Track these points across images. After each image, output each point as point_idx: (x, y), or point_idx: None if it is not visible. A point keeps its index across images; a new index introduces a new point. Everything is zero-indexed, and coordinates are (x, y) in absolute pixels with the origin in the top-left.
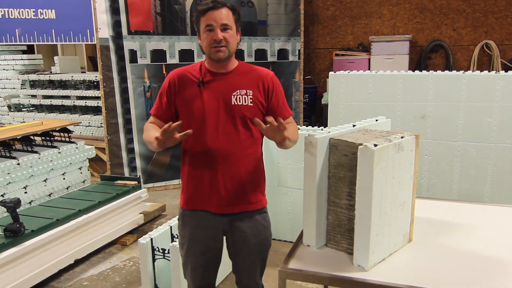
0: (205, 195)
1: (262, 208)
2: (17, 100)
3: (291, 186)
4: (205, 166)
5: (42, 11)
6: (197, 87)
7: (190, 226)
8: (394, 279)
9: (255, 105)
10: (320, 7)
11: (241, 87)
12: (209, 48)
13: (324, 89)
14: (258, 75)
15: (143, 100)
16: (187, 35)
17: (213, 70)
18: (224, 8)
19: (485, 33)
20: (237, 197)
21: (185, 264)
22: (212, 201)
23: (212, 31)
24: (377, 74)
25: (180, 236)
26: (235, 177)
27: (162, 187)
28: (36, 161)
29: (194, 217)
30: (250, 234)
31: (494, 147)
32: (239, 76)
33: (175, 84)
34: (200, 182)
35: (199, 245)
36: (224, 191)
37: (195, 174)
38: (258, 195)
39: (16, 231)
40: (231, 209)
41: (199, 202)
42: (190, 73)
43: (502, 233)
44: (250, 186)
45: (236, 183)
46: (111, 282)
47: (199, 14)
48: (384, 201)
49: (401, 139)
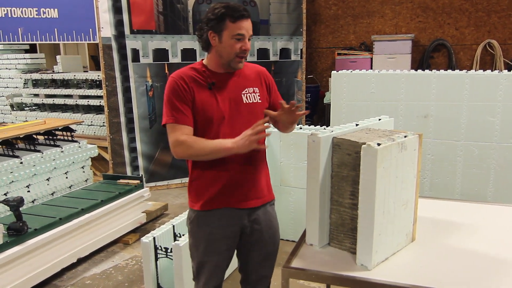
0: (227, 192)
1: (273, 200)
2: (19, 99)
3: (293, 186)
4: (226, 167)
5: (45, 10)
6: (208, 89)
7: (208, 226)
8: (397, 278)
9: (263, 100)
10: (322, 6)
11: (248, 85)
12: (233, 56)
13: (326, 88)
14: (257, 72)
15: (146, 99)
16: (190, 34)
17: (216, 71)
18: (249, 19)
19: (488, 32)
20: (256, 191)
21: (200, 265)
22: (234, 198)
23: (242, 40)
24: (380, 73)
25: (193, 239)
26: (253, 172)
27: (164, 186)
28: (39, 160)
29: (213, 216)
30: (265, 226)
31: (497, 146)
32: (242, 75)
33: (190, 87)
34: (221, 182)
35: (219, 244)
36: (246, 186)
37: (216, 175)
38: (270, 187)
39: (19, 229)
40: (252, 203)
41: (220, 201)
42: (195, 75)
43: (505, 232)
44: (264, 180)
45: (254, 177)
46: (114, 281)
47: (229, 19)
48: (387, 200)
49: (404, 138)
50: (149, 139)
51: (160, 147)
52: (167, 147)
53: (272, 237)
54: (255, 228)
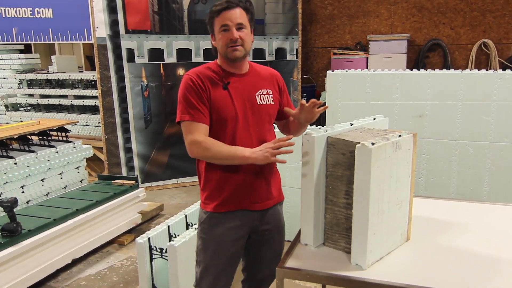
0: (240, 196)
1: (283, 200)
2: (14, 99)
3: (288, 185)
4: (240, 169)
5: (39, 10)
6: (223, 89)
7: (220, 228)
8: (392, 277)
9: (276, 103)
10: (318, 6)
11: (262, 87)
12: (225, 48)
13: (322, 88)
14: (271, 74)
15: (141, 99)
16: (185, 34)
17: (230, 71)
18: (238, 8)
19: (483, 32)
20: (268, 192)
21: (205, 269)
22: (247, 199)
23: (228, 31)
24: (375, 73)
25: (203, 240)
26: (266, 174)
27: (159, 186)
28: (34, 160)
29: (225, 218)
30: (274, 226)
31: (492, 145)
32: (256, 76)
33: (206, 85)
34: (235, 184)
35: (227, 246)
36: (260, 189)
37: (230, 177)
38: (280, 188)
39: (13, 230)
40: (264, 205)
41: (234, 203)
42: (211, 74)
43: (500, 231)
44: (276, 181)
45: (267, 179)
46: (109, 281)
47: (213, 15)
48: (382, 199)
49: (398, 137)
50: (145, 139)
51: (156, 147)
52: (162, 148)
53: (281, 236)
54: (266, 228)
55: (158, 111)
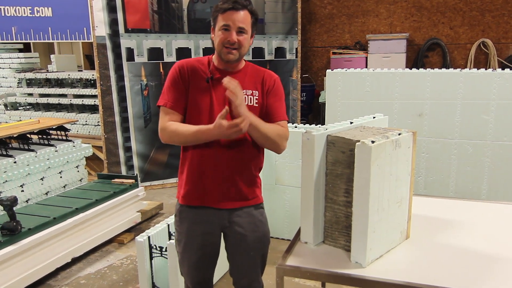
0: (205, 190)
1: (259, 203)
2: (13, 98)
3: (288, 184)
4: (208, 163)
5: (39, 9)
6: (206, 82)
7: (187, 222)
8: (392, 275)
9: (259, 105)
10: (317, 5)
11: (248, 87)
12: (221, 46)
13: (322, 87)
14: (262, 76)
15: (140, 98)
16: (184, 33)
17: (221, 68)
18: (244, 11)
19: (482, 31)
20: (236, 192)
21: (182, 260)
22: (212, 196)
23: (228, 31)
24: (375, 72)
25: (177, 232)
26: (235, 173)
27: (159, 185)
28: (33, 159)
29: (192, 212)
30: (249, 230)
31: (491, 144)
32: (246, 77)
33: (189, 74)
34: (201, 178)
35: (196, 240)
36: (225, 187)
37: (196, 169)
38: (255, 191)
39: (13, 229)
40: (230, 204)
41: (199, 197)
42: (199, 66)
43: (499, 230)
44: (247, 182)
45: (234, 178)
46: (108, 280)
47: (218, 11)
48: (382, 198)
49: (398, 135)
50: (144, 138)
51: (155, 146)
52: (162, 147)
53: (257, 242)
54: (237, 230)
55: (157, 110)
